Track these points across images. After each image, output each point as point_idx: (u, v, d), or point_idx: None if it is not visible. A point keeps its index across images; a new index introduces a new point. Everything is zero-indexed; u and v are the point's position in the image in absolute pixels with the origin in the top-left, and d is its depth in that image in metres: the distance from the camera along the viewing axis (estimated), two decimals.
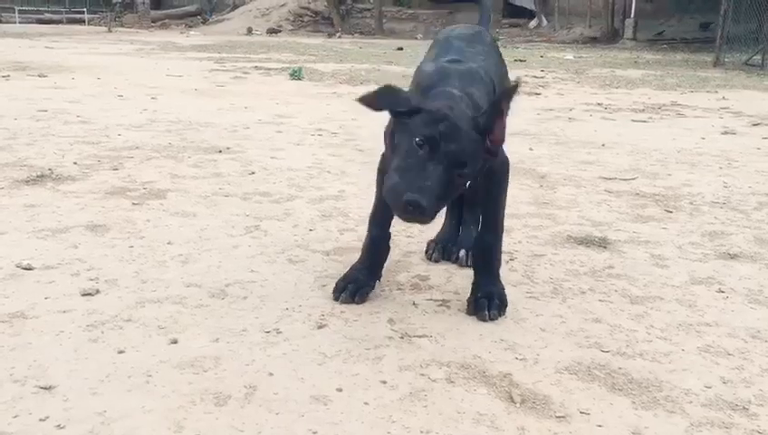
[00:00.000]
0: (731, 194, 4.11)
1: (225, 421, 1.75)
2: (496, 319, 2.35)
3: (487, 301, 2.37)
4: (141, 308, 2.37)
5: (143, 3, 26.21)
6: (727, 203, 3.91)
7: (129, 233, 3.11)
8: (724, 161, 5.05)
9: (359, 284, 2.48)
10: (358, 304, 2.45)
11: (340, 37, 22.17)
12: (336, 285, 2.52)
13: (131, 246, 2.95)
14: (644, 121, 6.90)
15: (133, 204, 3.55)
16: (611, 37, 21.59)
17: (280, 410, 1.81)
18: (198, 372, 1.98)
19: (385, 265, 2.61)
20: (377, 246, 2.54)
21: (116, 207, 3.47)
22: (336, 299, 2.47)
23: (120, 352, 2.07)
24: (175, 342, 2.15)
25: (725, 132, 6.32)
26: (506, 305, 2.41)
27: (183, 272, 2.70)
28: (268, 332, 2.24)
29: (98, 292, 2.48)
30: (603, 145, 5.58)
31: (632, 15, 21.60)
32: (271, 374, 1.98)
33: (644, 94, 9.16)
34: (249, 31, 23.18)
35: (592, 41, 21.36)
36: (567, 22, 23.33)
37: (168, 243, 3.00)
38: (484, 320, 2.33)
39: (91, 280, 2.58)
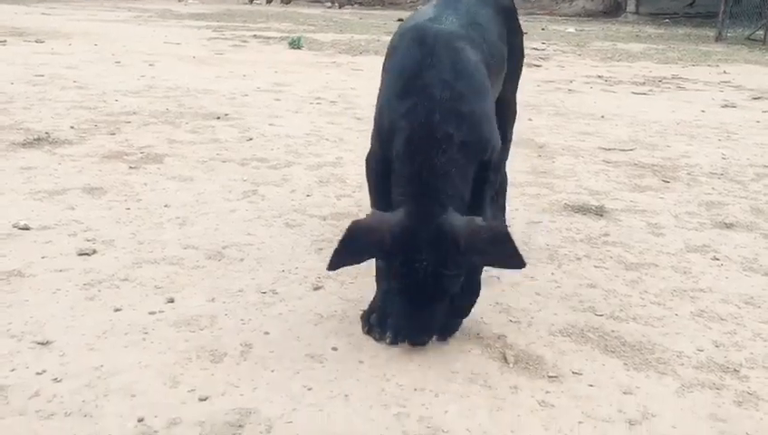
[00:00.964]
0: (729, 165, 4.11)
1: (220, 377, 1.77)
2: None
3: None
4: (138, 268, 2.38)
5: None
6: (725, 174, 3.91)
7: (126, 196, 3.11)
8: (723, 134, 5.04)
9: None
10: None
11: (340, 8, 21.94)
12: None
13: (128, 208, 2.94)
14: (644, 94, 6.86)
15: (130, 168, 3.54)
16: (614, 11, 21.36)
17: (275, 368, 1.82)
18: (195, 330, 2.00)
19: None
20: None
21: (113, 171, 3.46)
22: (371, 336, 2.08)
23: (117, 310, 2.09)
24: (171, 301, 2.16)
25: (725, 105, 6.29)
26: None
27: (180, 234, 2.70)
28: (264, 292, 2.25)
29: (95, 252, 2.49)
30: (602, 117, 5.56)
31: None
32: (267, 333, 1.99)
33: (645, 67, 9.10)
34: (250, 0, 22.92)
35: (594, 14, 21.14)
36: None
37: (165, 206, 3.00)
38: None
39: (88, 241, 2.58)
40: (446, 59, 1.92)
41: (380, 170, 2.05)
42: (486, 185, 2.05)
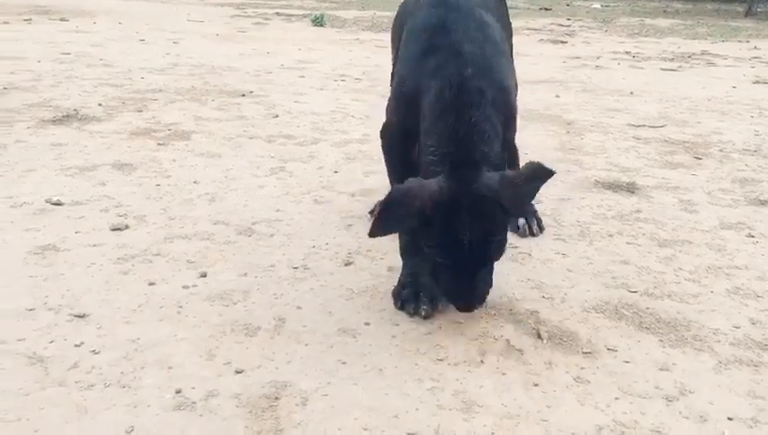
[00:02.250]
0: (762, 142, 4.03)
1: (255, 351, 1.78)
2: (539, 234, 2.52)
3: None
4: (170, 243, 2.39)
5: None
6: (759, 151, 3.84)
7: (155, 172, 3.12)
8: (755, 110, 4.94)
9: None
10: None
11: None
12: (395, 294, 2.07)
13: (158, 184, 2.96)
14: (673, 70, 6.74)
15: (158, 144, 3.55)
16: None
17: (309, 342, 1.83)
18: (228, 304, 2.01)
19: None
20: None
21: (141, 148, 3.48)
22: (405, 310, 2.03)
23: (151, 284, 2.10)
24: (204, 275, 2.17)
25: (757, 81, 6.17)
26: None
27: (210, 210, 2.71)
28: (296, 268, 2.25)
29: (127, 227, 2.51)
30: (631, 93, 5.47)
31: None
32: (299, 308, 2.00)
33: (673, 43, 8.94)
34: None
35: None
36: None
37: (195, 182, 3.01)
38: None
39: (120, 216, 2.60)
40: (470, 19, 1.90)
41: (400, 141, 2.03)
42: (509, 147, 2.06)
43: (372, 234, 1.73)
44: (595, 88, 5.65)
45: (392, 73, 2.45)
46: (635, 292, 2.17)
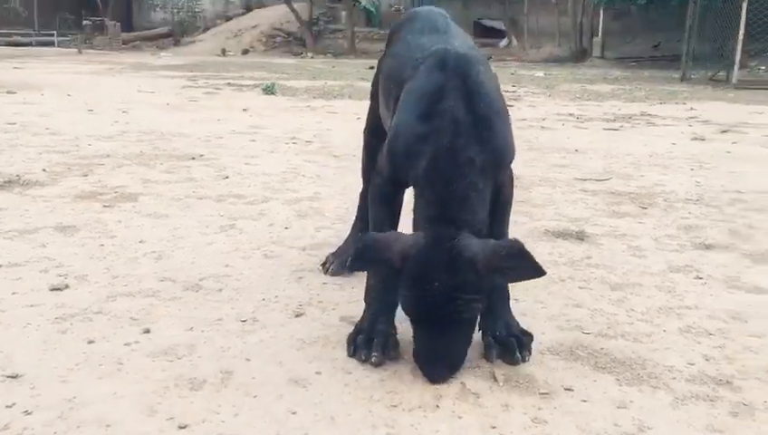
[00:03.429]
0: (704, 192, 4.15)
1: (200, 405, 1.69)
2: (529, 360, 1.96)
3: (515, 340, 1.97)
4: (112, 301, 2.30)
5: (114, 25, 26.04)
6: (701, 200, 3.95)
7: (99, 233, 3.04)
8: (695, 163, 5.11)
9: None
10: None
11: (312, 57, 22.25)
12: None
13: (102, 245, 2.87)
14: (615, 130, 6.97)
15: (104, 206, 3.47)
16: (580, 56, 21.93)
17: (258, 393, 1.75)
18: (172, 359, 1.92)
19: None
20: None
21: (86, 210, 3.39)
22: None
23: (90, 341, 2.00)
24: (147, 331, 2.08)
25: (695, 138, 6.41)
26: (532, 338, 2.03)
27: (156, 267, 2.63)
28: (244, 320, 2.18)
29: (67, 287, 2.41)
30: (576, 150, 5.62)
31: (600, 35, 22.00)
32: (248, 359, 1.92)
33: (614, 106, 9.28)
34: (223, 52, 23.13)
35: (562, 59, 21.67)
36: (536, 41, 23.65)
37: (141, 241, 2.93)
38: (517, 364, 1.92)
39: (60, 276, 2.50)
40: (469, 82, 1.92)
41: (389, 194, 2.05)
42: (503, 206, 2.10)
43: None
44: (541, 147, 5.79)
45: (367, 119, 2.64)
46: (589, 333, 2.15)
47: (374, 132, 2.54)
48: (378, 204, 2.11)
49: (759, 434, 1.62)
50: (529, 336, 2.01)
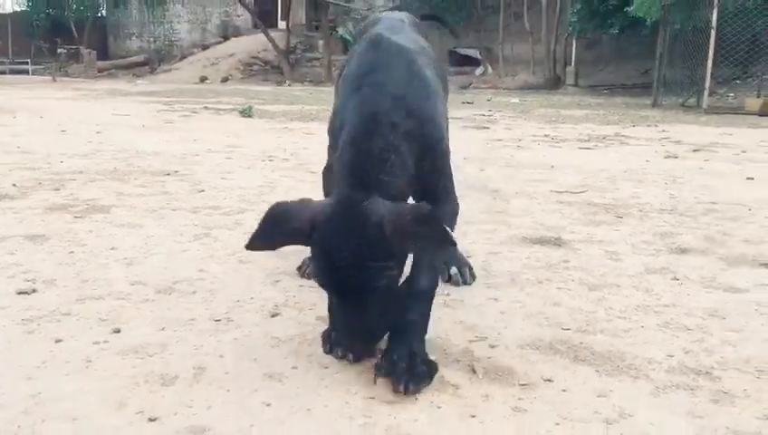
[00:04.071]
0: (678, 203, 4.19)
1: (172, 399, 1.64)
2: (416, 393, 1.69)
3: (406, 366, 1.72)
4: (81, 304, 2.24)
5: (89, 53, 25.98)
6: (675, 210, 3.98)
7: (69, 241, 2.97)
8: (668, 178, 5.17)
9: None
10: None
11: (289, 85, 22.33)
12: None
13: (71, 252, 2.81)
14: (590, 148, 7.05)
15: (75, 217, 3.41)
16: (554, 84, 22.26)
17: (231, 388, 1.70)
18: (143, 356, 1.86)
19: None
20: None
21: (57, 220, 3.33)
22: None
23: (58, 341, 1.94)
24: (117, 331, 2.02)
25: (668, 156, 6.49)
26: (434, 373, 1.76)
27: (127, 272, 2.57)
28: (218, 320, 2.13)
29: (34, 291, 2.34)
30: (552, 166, 5.66)
31: (573, 63, 22.38)
32: (221, 356, 1.88)
33: (588, 128, 9.39)
34: (202, 80, 23.14)
35: (536, 87, 21.97)
36: (511, 69, 23.98)
37: (112, 248, 2.87)
38: (398, 392, 1.68)
39: (28, 281, 2.44)
40: (401, 62, 1.92)
41: (328, 177, 2.03)
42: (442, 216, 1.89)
43: (249, 246, 1.71)
44: (518, 164, 5.83)
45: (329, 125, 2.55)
46: (568, 329, 2.13)
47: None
48: (324, 191, 2.08)
49: (740, 420, 1.60)
50: (432, 366, 1.76)
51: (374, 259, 1.66)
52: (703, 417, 1.61)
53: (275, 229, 1.71)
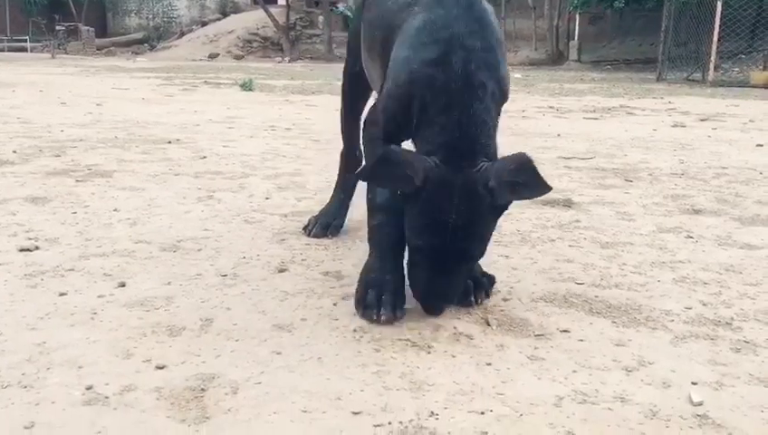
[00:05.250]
0: (688, 168, 4.13)
1: (179, 348, 1.60)
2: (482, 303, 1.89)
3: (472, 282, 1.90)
4: (85, 260, 2.19)
5: (88, 30, 25.75)
6: (686, 174, 3.92)
7: (72, 203, 2.92)
8: (677, 145, 5.11)
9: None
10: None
11: (290, 62, 22.14)
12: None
13: (74, 213, 2.76)
14: (596, 119, 6.97)
15: (77, 181, 3.36)
16: (557, 59, 22.09)
17: (240, 338, 1.66)
18: (149, 309, 1.82)
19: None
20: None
21: (58, 184, 3.28)
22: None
23: (62, 294, 1.90)
24: (123, 285, 1.98)
25: (675, 125, 6.42)
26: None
27: (131, 231, 2.53)
28: (225, 275, 2.09)
29: (37, 248, 2.30)
30: (558, 135, 5.59)
31: (576, 38, 22.17)
32: (229, 308, 1.83)
33: (593, 100, 9.30)
34: (212, 57, 22.91)
35: (538, 63, 21.79)
36: (513, 45, 23.78)
37: (115, 210, 2.83)
38: (470, 306, 1.87)
39: (30, 239, 2.39)
40: (473, 10, 1.82)
41: (392, 131, 1.88)
42: None
43: (362, 176, 1.72)
44: (523, 132, 5.76)
45: (344, 81, 2.57)
46: (582, 283, 2.09)
47: (354, 84, 2.47)
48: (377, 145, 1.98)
49: (764, 368, 1.56)
50: (489, 278, 1.95)
51: (484, 228, 1.71)
52: (726, 364, 1.57)
53: (388, 170, 1.67)
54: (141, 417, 1.30)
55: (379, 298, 1.79)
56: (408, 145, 1.83)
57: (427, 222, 1.68)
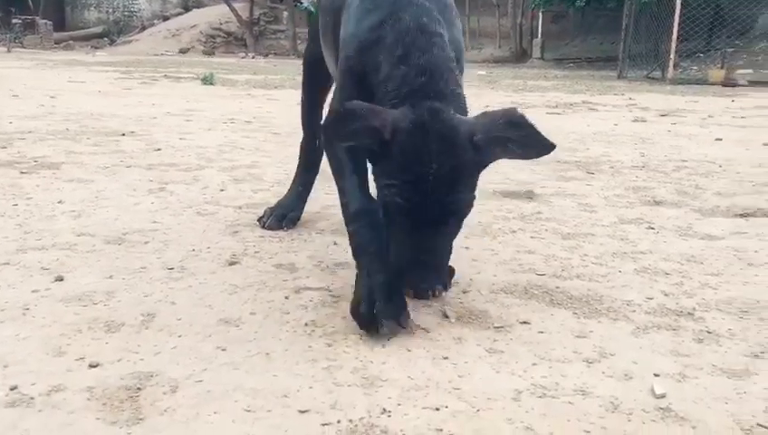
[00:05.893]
0: (648, 160, 4.12)
1: (116, 345, 1.49)
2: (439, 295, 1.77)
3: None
4: (22, 254, 2.07)
5: (45, 24, 25.09)
6: (646, 166, 3.91)
7: (14, 195, 2.78)
8: (638, 139, 5.11)
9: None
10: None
11: (253, 57, 21.87)
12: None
13: (15, 205, 2.62)
14: (558, 114, 6.97)
15: (21, 172, 3.20)
16: (520, 57, 22.19)
17: (183, 333, 1.56)
18: (87, 304, 1.71)
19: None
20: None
21: (1, 176, 3.12)
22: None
23: None
24: (60, 279, 1.87)
25: (636, 120, 6.45)
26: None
27: (74, 224, 2.40)
28: (171, 268, 1.98)
29: None
30: None
31: (539, 36, 22.31)
32: (173, 303, 1.73)
33: (556, 96, 9.33)
34: (183, 51, 22.51)
35: (502, 60, 21.87)
36: (477, 43, 23.83)
37: (59, 202, 2.69)
38: (426, 298, 1.75)
39: None
40: None
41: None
42: None
43: (325, 131, 1.57)
44: None
45: (304, 68, 2.50)
46: (543, 274, 2.04)
47: (314, 72, 2.38)
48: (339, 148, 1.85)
49: (727, 358, 1.52)
50: (448, 269, 1.77)
51: (468, 174, 1.52)
52: (689, 355, 1.52)
53: (353, 123, 1.48)
54: (68, 419, 1.20)
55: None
56: None
57: (405, 176, 1.48)
